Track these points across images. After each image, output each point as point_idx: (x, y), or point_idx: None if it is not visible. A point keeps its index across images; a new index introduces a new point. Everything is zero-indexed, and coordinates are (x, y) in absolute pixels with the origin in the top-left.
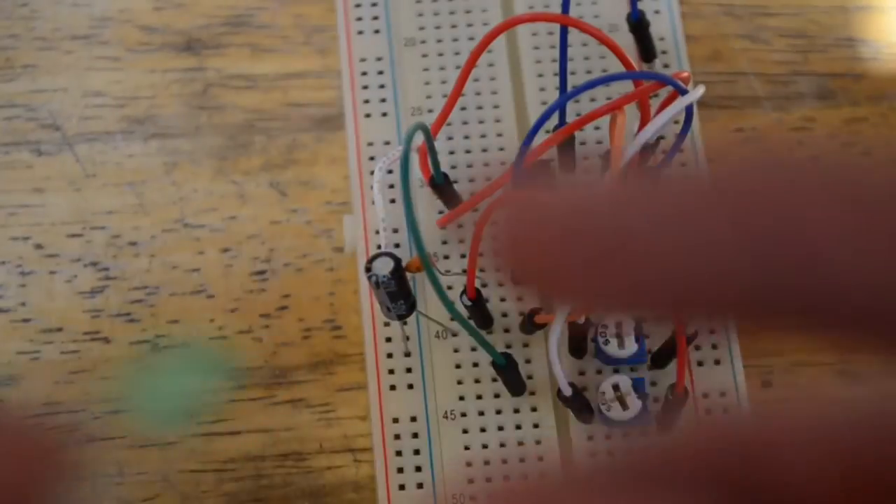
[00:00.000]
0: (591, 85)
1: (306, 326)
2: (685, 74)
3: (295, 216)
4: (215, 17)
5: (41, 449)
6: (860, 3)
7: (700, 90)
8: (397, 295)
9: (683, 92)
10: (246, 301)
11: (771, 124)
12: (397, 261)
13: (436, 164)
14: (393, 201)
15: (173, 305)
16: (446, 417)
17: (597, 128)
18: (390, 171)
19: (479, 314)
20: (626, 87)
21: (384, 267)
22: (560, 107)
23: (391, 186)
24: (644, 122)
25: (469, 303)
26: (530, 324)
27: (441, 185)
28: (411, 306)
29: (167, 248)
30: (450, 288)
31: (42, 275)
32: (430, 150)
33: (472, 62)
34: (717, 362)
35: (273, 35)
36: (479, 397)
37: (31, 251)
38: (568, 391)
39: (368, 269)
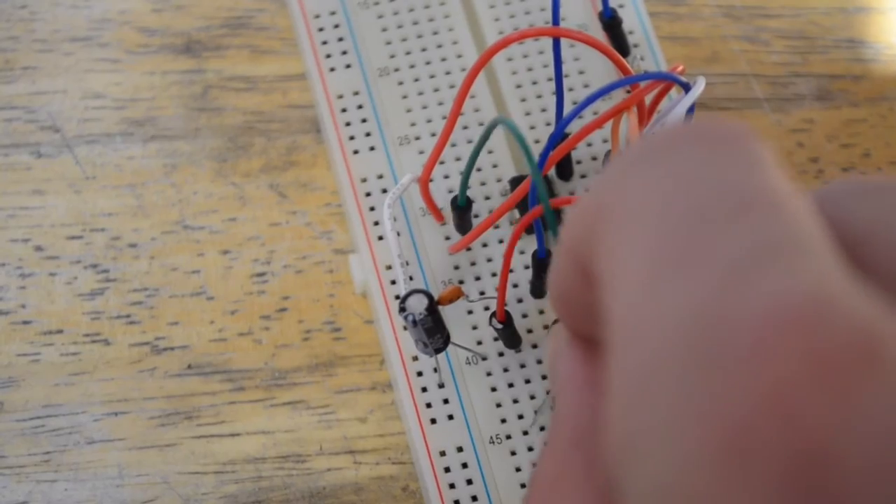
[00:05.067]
0: (601, 93)
1: (306, 328)
2: (680, 68)
3: (294, 218)
4: (215, 18)
5: None
6: (859, 4)
7: (701, 83)
8: (434, 330)
9: (688, 88)
10: (246, 303)
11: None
12: (430, 296)
13: (464, 186)
14: (398, 234)
15: (173, 307)
16: (492, 442)
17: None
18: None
19: (509, 335)
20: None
21: (419, 305)
22: (572, 118)
23: (394, 220)
24: (641, 121)
25: (500, 326)
26: None
27: (463, 207)
28: (447, 339)
29: (167, 249)
30: (470, 313)
31: (42, 277)
32: (465, 174)
33: (465, 90)
34: None
35: (272, 37)
36: (521, 417)
37: (31, 253)
38: None
39: (403, 310)
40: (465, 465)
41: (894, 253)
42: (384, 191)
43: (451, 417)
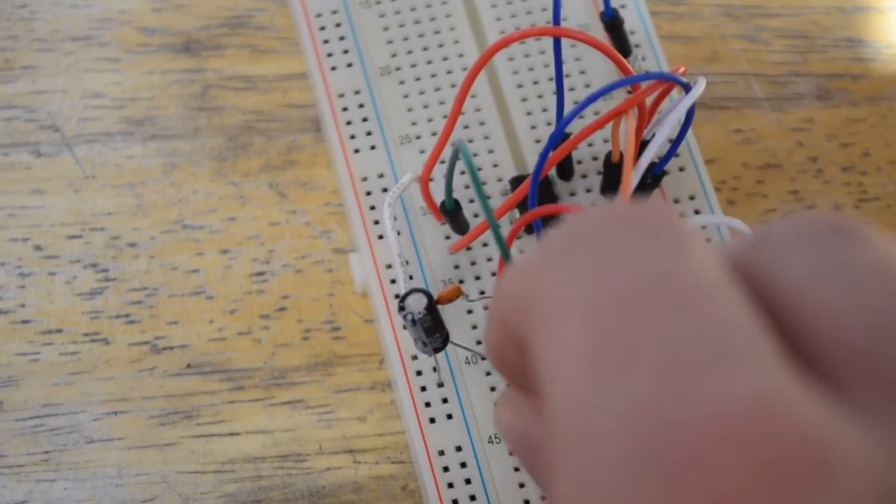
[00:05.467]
0: (601, 93)
1: (305, 328)
2: (682, 70)
3: (294, 217)
4: (214, 18)
5: None
6: (859, 3)
7: (702, 83)
8: (433, 329)
9: (688, 88)
10: (245, 302)
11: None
12: (429, 295)
13: (449, 190)
14: (399, 233)
15: (173, 306)
16: (491, 442)
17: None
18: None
19: None
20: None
21: (418, 304)
22: (572, 118)
23: (394, 219)
24: (642, 121)
25: None
26: None
27: (452, 211)
28: (446, 338)
29: (166, 249)
30: (470, 312)
31: (41, 276)
32: (447, 176)
33: (465, 89)
34: None
35: (272, 36)
36: None
37: (31, 252)
38: None
39: (402, 309)
40: (463, 465)
41: (828, 319)
42: (385, 190)
43: (450, 417)
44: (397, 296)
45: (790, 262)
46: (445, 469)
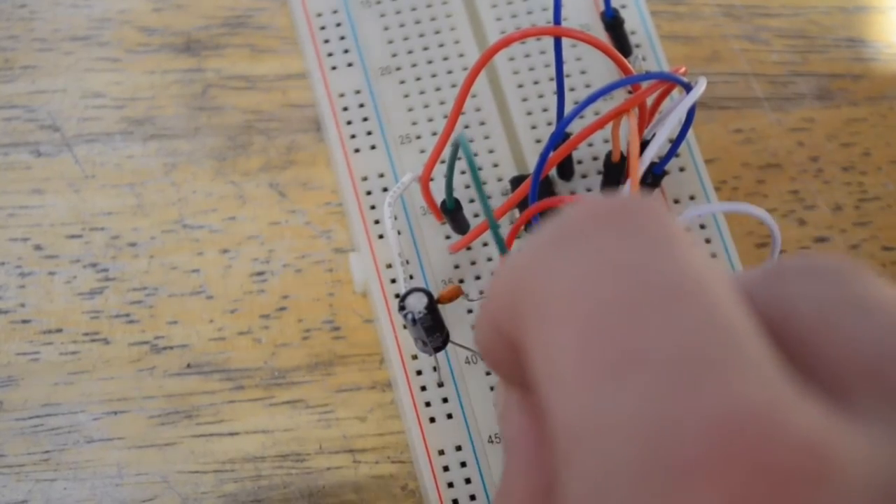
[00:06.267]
0: (601, 93)
1: (305, 327)
2: (683, 70)
3: (294, 217)
4: (214, 17)
5: None
6: (859, 3)
7: (703, 83)
8: (433, 329)
9: (689, 88)
10: (245, 302)
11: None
12: (430, 294)
13: (450, 189)
14: (399, 233)
15: (172, 306)
16: (491, 441)
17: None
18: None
19: None
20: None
21: (418, 303)
22: (572, 118)
23: (394, 218)
24: (642, 121)
25: None
26: None
27: (452, 210)
28: (446, 338)
29: (166, 248)
30: (470, 312)
31: (41, 276)
32: (448, 173)
33: (466, 89)
34: None
35: (272, 36)
36: None
37: (31, 252)
38: None
39: (403, 308)
40: (463, 464)
41: (841, 339)
42: (385, 189)
43: (449, 416)
44: (397, 295)
45: (804, 291)
46: (445, 468)
